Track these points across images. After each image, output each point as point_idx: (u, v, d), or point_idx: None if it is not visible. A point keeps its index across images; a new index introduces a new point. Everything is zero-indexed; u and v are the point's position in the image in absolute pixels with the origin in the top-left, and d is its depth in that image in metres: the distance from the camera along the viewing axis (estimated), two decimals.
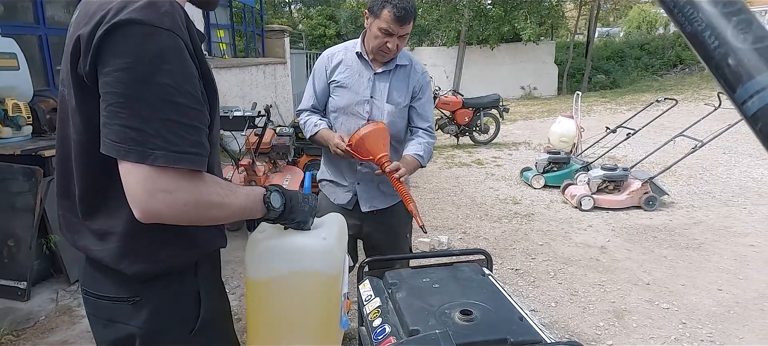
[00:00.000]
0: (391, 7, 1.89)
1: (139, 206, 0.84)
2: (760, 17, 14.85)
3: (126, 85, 0.81)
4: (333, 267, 1.20)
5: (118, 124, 0.82)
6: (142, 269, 0.99)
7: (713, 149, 6.49)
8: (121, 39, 0.81)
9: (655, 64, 17.94)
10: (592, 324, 2.95)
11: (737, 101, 0.29)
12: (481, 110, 8.16)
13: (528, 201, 5.32)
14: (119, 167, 0.84)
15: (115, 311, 1.03)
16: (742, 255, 3.84)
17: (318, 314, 1.22)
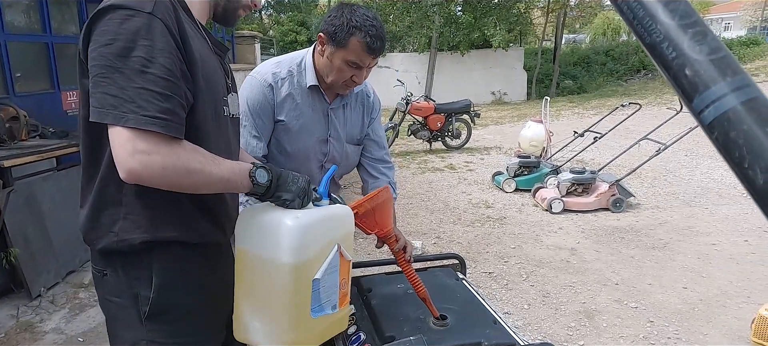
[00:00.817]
0: (363, 36, 1.50)
1: (121, 166, 0.93)
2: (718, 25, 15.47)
3: (106, 58, 0.93)
4: (298, 248, 1.14)
5: (100, 92, 0.93)
6: (104, 244, 1.08)
7: (676, 152, 6.70)
8: (106, 20, 0.94)
9: (620, 70, 18.49)
10: (564, 325, 3.00)
11: (694, 110, 0.30)
12: (453, 116, 8.24)
13: (500, 205, 5.40)
14: (108, 134, 0.95)
15: (97, 281, 1.17)
16: (704, 254, 3.98)
17: (277, 289, 1.16)
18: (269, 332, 1.19)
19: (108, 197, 1.08)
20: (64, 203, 3.59)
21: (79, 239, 3.49)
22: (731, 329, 2.92)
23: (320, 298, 1.21)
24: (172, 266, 1.13)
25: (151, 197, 1.06)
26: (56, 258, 3.43)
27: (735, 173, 0.29)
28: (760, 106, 0.28)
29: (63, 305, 3.19)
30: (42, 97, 4.41)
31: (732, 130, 0.28)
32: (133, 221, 1.08)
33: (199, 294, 1.18)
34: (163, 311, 1.12)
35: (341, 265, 1.26)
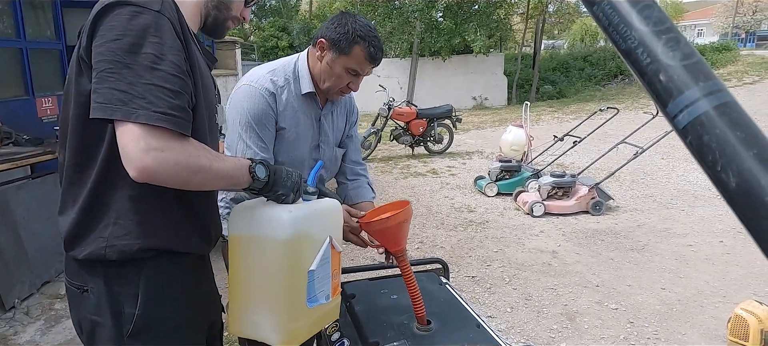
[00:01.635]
0: (367, 46, 1.55)
1: (134, 164, 0.90)
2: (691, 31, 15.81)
3: (115, 53, 0.91)
4: (294, 241, 1.18)
5: (107, 87, 0.90)
6: (90, 250, 1.04)
7: (653, 155, 6.84)
8: (113, 16, 0.93)
9: (598, 75, 18.83)
10: (547, 327, 3.03)
11: (669, 115, 0.31)
12: (435, 121, 8.29)
13: (482, 209, 5.43)
14: (116, 132, 0.92)
15: (73, 298, 1.12)
16: (682, 255, 4.06)
17: (275, 281, 1.20)
18: (269, 325, 1.22)
19: (100, 200, 1.04)
20: (38, 211, 3.50)
21: (54, 249, 3.42)
22: (708, 328, 2.98)
23: (315, 288, 1.24)
24: (158, 281, 1.09)
25: (143, 203, 1.05)
26: (31, 269, 3.34)
27: (708, 175, 0.30)
28: (731, 110, 0.29)
29: (38, 316, 3.11)
30: (16, 103, 4.30)
31: (705, 134, 0.28)
32: (124, 226, 1.04)
33: (184, 309, 1.15)
34: (147, 329, 1.08)
35: (333, 256, 1.30)
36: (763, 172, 0.26)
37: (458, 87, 15.95)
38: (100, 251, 1.04)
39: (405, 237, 1.55)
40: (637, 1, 0.32)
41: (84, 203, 1.04)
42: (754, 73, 15.76)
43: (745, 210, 0.27)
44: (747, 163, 0.27)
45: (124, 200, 1.04)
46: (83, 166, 1.05)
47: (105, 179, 1.03)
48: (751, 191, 0.26)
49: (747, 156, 0.27)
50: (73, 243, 1.07)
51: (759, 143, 0.27)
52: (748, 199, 0.27)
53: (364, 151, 7.97)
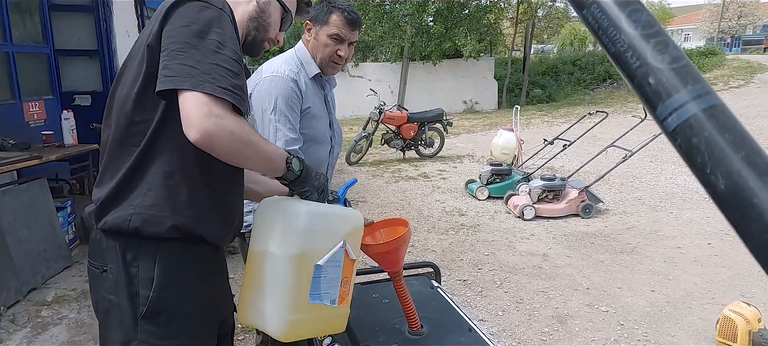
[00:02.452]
0: (340, 12, 1.81)
1: (196, 126, 1.00)
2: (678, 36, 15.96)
3: (186, 36, 1.05)
4: (307, 231, 1.22)
5: (178, 63, 1.03)
6: (116, 216, 1.14)
7: (641, 158, 6.90)
8: (184, 9, 1.09)
9: (587, 79, 19.00)
10: (538, 330, 3.04)
11: (658, 118, 0.31)
12: (426, 124, 8.30)
13: (473, 212, 5.45)
14: (178, 100, 1.02)
15: (93, 278, 1.21)
16: (670, 257, 4.10)
17: (282, 269, 1.23)
18: (270, 312, 1.23)
19: (138, 173, 1.14)
20: (25, 217, 3.46)
21: (41, 255, 3.37)
22: (697, 330, 3.01)
23: (320, 286, 1.26)
24: (172, 267, 1.17)
25: (174, 179, 1.14)
26: (17, 275, 3.29)
27: (697, 177, 0.30)
28: (719, 113, 0.29)
29: (24, 324, 3.06)
30: (2, 108, 4.24)
31: (694, 137, 0.29)
32: (153, 197, 1.14)
33: (196, 298, 1.21)
34: (160, 312, 1.15)
35: (345, 262, 1.31)
36: (752, 174, 0.26)
37: (449, 91, 16.01)
38: (126, 218, 1.13)
39: (402, 259, 1.57)
40: (626, 4, 0.32)
41: (122, 176, 1.14)
42: (739, 77, 16.00)
43: (733, 212, 0.27)
44: (735, 165, 0.27)
45: (158, 175, 1.14)
46: (127, 143, 1.15)
47: (145, 155, 1.13)
48: (740, 193, 0.27)
49: (735, 158, 0.27)
50: (102, 212, 1.16)
51: (747, 146, 0.28)
52: (736, 200, 0.27)
53: (356, 155, 7.96)
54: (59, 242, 3.76)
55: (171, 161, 1.13)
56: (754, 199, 0.26)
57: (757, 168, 0.26)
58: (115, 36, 5.92)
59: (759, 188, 0.26)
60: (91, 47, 5.79)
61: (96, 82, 5.90)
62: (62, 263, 3.75)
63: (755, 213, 0.26)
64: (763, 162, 0.26)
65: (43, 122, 4.62)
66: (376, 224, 1.65)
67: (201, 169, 1.17)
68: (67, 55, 5.73)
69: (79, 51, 5.82)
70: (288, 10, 1.37)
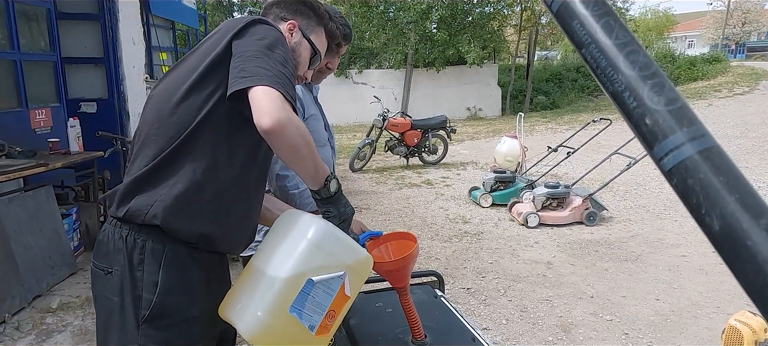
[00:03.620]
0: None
1: (270, 114, 1.07)
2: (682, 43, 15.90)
3: (260, 47, 1.18)
4: (309, 240, 1.21)
5: (254, 65, 1.13)
6: (136, 206, 1.18)
7: (645, 166, 6.88)
8: (257, 26, 1.24)
9: (590, 86, 18.98)
10: (542, 339, 3.03)
11: (655, 157, 0.32)
12: (430, 131, 8.31)
13: (477, 220, 5.44)
14: (250, 96, 1.10)
15: (96, 279, 1.25)
16: (675, 265, 4.08)
17: (275, 269, 1.21)
18: (248, 308, 1.19)
19: (171, 163, 1.20)
20: (30, 225, 3.48)
21: (46, 263, 3.39)
22: (702, 339, 2.99)
23: (304, 303, 1.20)
24: (178, 273, 1.20)
25: (204, 176, 1.20)
26: (22, 282, 3.31)
27: (693, 217, 0.30)
28: (714, 155, 0.29)
29: (29, 331, 3.07)
30: (8, 115, 4.27)
31: (689, 178, 0.29)
32: (180, 190, 1.19)
33: (199, 304, 1.24)
34: (162, 316, 1.18)
35: (339, 295, 1.25)
36: (745, 216, 0.27)
37: (452, 98, 16.03)
38: (145, 209, 1.17)
39: (410, 274, 1.57)
40: (624, 46, 0.32)
41: (154, 164, 1.20)
42: (744, 84, 15.96)
43: (728, 253, 0.28)
44: (730, 207, 0.28)
45: (189, 172, 1.19)
46: (163, 134, 1.21)
47: (180, 149, 1.19)
48: (734, 235, 0.27)
49: (730, 200, 0.28)
50: (127, 197, 1.21)
51: (741, 188, 0.28)
52: (731, 242, 0.27)
53: (359, 161, 7.97)
54: (64, 249, 3.78)
55: (202, 158, 1.20)
56: (747, 241, 0.26)
57: (751, 210, 0.27)
58: (121, 44, 5.97)
59: (753, 230, 0.26)
60: (97, 55, 5.85)
61: (101, 89, 5.95)
62: (67, 270, 3.76)
63: (749, 255, 0.26)
64: (756, 204, 0.27)
65: (50, 129, 4.65)
66: (383, 237, 1.65)
67: (229, 175, 1.24)
68: (73, 63, 5.79)
69: (85, 59, 5.88)
70: (317, 51, 1.45)
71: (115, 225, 1.22)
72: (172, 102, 1.22)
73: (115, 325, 1.19)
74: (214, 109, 1.20)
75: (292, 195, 1.91)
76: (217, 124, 1.20)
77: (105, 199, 1.29)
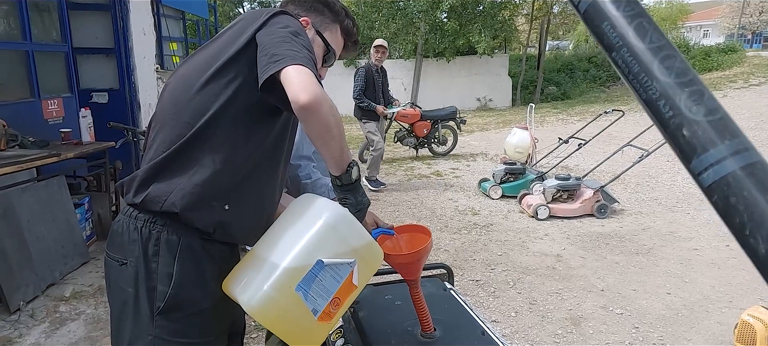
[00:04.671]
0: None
1: (307, 90, 1.09)
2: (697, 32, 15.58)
3: (286, 33, 1.19)
4: (331, 224, 1.20)
5: (284, 49, 1.14)
6: (156, 193, 1.19)
7: (657, 158, 6.79)
8: (280, 16, 1.26)
9: (602, 76, 18.74)
10: (551, 332, 3.01)
11: (693, 172, 0.30)
12: (439, 122, 8.27)
13: (486, 212, 5.42)
14: (283, 76, 1.11)
15: (110, 270, 1.25)
16: (687, 259, 4.04)
17: (285, 245, 1.20)
18: (253, 282, 1.15)
19: (190, 151, 1.21)
20: (43, 214, 3.52)
21: (59, 252, 3.42)
22: (714, 334, 2.96)
23: (311, 284, 1.17)
24: (193, 265, 1.21)
25: (226, 165, 1.21)
26: (35, 271, 3.35)
27: (736, 238, 0.29)
28: (760, 171, 0.28)
29: (43, 319, 3.12)
30: (21, 106, 4.31)
31: (732, 196, 0.27)
32: (200, 179, 1.20)
33: (212, 297, 1.25)
34: (176, 309, 1.19)
35: (346, 283, 1.22)
36: None
37: (462, 88, 15.92)
38: (164, 196, 1.18)
39: (422, 268, 1.56)
40: (659, 50, 0.31)
41: (172, 151, 1.20)
42: (760, 74, 15.67)
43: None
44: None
45: (207, 160, 1.20)
46: (181, 121, 1.21)
47: (199, 136, 1.19)
48: None
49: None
50: (144, 184, 1.21)
51: None
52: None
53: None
54: (77, 239, 3.82)
55: (221, 149, 1.21)
56: None
57: None
58: (132, 34, 5.99)
59: None
60: (108, 46, 5.87)
61: (113, 79, 5.99)
62: (79, 260, 3.81)
63: None
64: None
65: (62, 120, 4.69)
66: (396, 230, 1.64)
67: (247, 164, 1.25)
68: (85, 54, 5.82)
69: (97, 49, 5.91)
70: (331, 49, 1.45)
71: (130, 215, 1.23)
72: (192, 90, 1.23)
73: (130, 316, 1.20)
74: (233, 98, 1.20)
75: (304, 185, 1.92)
76: (235, 114, 1.21)
77: (122, 185, 1.28)
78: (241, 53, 1.21)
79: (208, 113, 1.20)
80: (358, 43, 1.69)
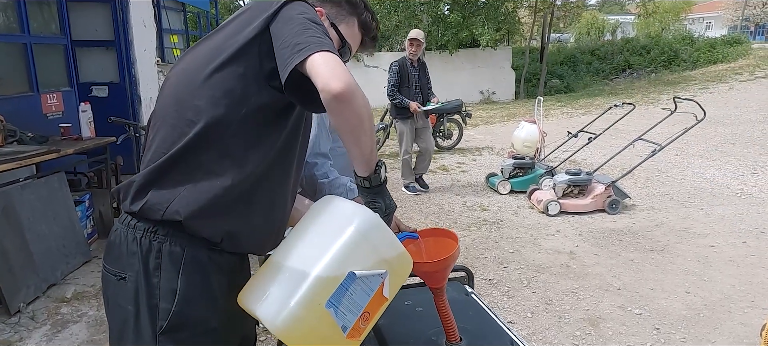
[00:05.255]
0: None
1: (341, 78, 0.99)
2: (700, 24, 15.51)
3: (304, 20, 1.09)
4: (363, 231, 1.09)
5: (306, 37, 1.04)
6: (155, 200, 1.07)
7: (667, 152, 6.68)
8: (296, 5, 1.14)
9: (605, 69, 18.62)
10: (569, 334, 2.92)
11: None
12: (445, 116, 8.15)
13: (495, 207, 5.31)
14: (309, 65, 1.00)
15: (108, 285, 1.14)
16: (704, 256, 3.93)
17: (313, 253, 1.09)
18: (274, 295, 1.05)
19: (193, 153, 1.09)
20: (44, 212, 3.42)
21: (60, 251, 3.32)
22: (739, 336, 2.86)
23: (342, 298, 1.07)
24: (199, 279, 1.09)
25: (230, 171, 1.09)
26: (36, 272, 3.25)
27: None
28: None
29: (44, 321, 3.02)
30: (20, 100, 4.20)
31: None
32: (204, 186, 1.08)
33: (221, 313, 1.13)
34: (181, 327, 1.08)
35: (376, 295, 1.12)
36: None
37: (465, 81, 15.78)
38: (165, 204, 1.06)
39: (448, 276, 1.45)
40: None
41: (174, 152, 1.08)
42: (766, 66, 15.53)
43: None
44: None
45: (213, 163, 1.08)
46: (184, 119, 1.10)
47: (204, 137, 1.07)
48: None
49: None
50: (143, 189, 1.09)
51: None
52: None
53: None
54: (78, 237, 3.72)
55: (228, 151, 1.09)
56: None
57: None
58: (132, 27, 5.87)
59: None
60: (108, 38, 5.76)
61: (113, 73, 5.88)
62: (81, 259, 3.71)
63: None
64: None
65: (61, 114, 4.58)
66: (419, 234, 1.53)
67: (257, 168, 1.11)
68: (84, 47, 5.70)
69: (96, 42, 5.79)
70: (346, 42, 1.35)
71: (128, 224, 1.10)
72: (195, 85, 1.10)
73: (130, 337, 1.09)
74: (242, 95, 1.08)
75: (321, 185, 1.79)
76: (245, 112, 1.08)
77: (118, 191, 1.16)
78: (252, 44, 1.09)
79: (214, 111, 1.07)
80: (377, 39, 1.56)
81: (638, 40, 20.37)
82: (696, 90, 13.25)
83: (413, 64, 5.74)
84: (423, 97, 5.80)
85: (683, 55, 18.05)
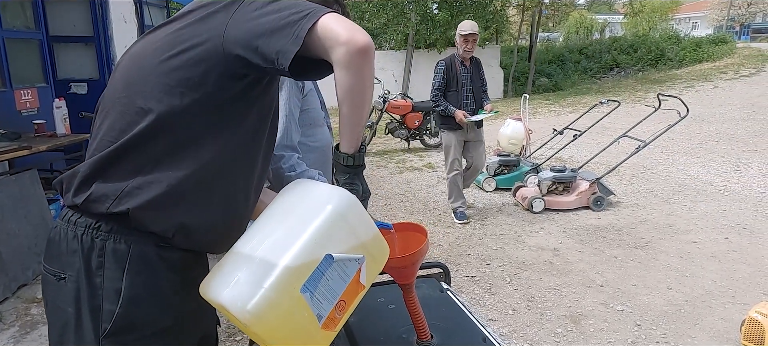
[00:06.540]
0: None
1: (362, 32, 0.95)
2: (686, 24, 15.66)
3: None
4: (341, 211, 1.03)
5: (302, 5, 0.98)
6: (95, 196, 0.99)
7: (652, 149, 6.70)
8: None
9: (593, 68, 18.70)
10: (550, 331, 2.89)
11: None
12: (431, 113, 8.11)
13: (480, 205, 5.29)
14: (320, 27, 0.94)
15: (47, 286, 1.06)
16: (686, 252, 3.93)
17: (287, 235, 1.01)
18: (243, 279, 0.95)
19: (146, 141, 1.01)
20: (14, 210, 3.32)
21: (31, 250, 3.23)
22: (719, 331, 2.85)
23: (317, 285, 0.98)
24: (146, 277, 1.01)
25: (189, 162, 1.02)
26: (6, 271, 3.16)
27: None
28: None
29: (12, 322, 2.93)
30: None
31: None
32: (156, 177, 1.00)
33: (173, 312, 1.05)
34: (126, 330, 1.00)
35: (352, 283, 1.05)
36: None
37: None
38: (111, 196, 0.98)
39: (417, 271, 1.39)
40: None
41: (123, 142, 1.00)
42: (750, 65, 15.69)
43: None
44: None
45: (165, 152, 1.01)
46: (134, 106, 1.02)
47: (156, 124, 0.99)
48: None
49: None
50: (87, 181, 1.02)
51: None
52: None
53: None
54: None
55: (183, 139, 1.01)
56: None
57: None
58: (112, 22, 5.76)
59: None
60: (87, 34, 5.64)
61: (92, 69, 5.76)
62: None
63: None
64: None
65: (36, 111, 4.47)
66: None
67: (216, 158, 1.04)
68: (62, 42, 5.58)
69: (75, 37, 5.67)
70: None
71: (68, 220, 1.02)
72: (147, 69, 1.03)
73: (71, 339, 1.01)
74: (203, 78, 1.00)
75: (287, 178, 1.73)
76: (204, 97, 1.00)
77: (61, 182, 1.07)
78: (215, 27, 1.00)
79: (168, 99, 0.99)
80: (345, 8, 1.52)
81: (626, 39, 20.49)
82: (682, 88, 13.35)
83: (464, 63, 4.72)
84: (475, 102, 4.71)
85: (670, 54, 18.18)
